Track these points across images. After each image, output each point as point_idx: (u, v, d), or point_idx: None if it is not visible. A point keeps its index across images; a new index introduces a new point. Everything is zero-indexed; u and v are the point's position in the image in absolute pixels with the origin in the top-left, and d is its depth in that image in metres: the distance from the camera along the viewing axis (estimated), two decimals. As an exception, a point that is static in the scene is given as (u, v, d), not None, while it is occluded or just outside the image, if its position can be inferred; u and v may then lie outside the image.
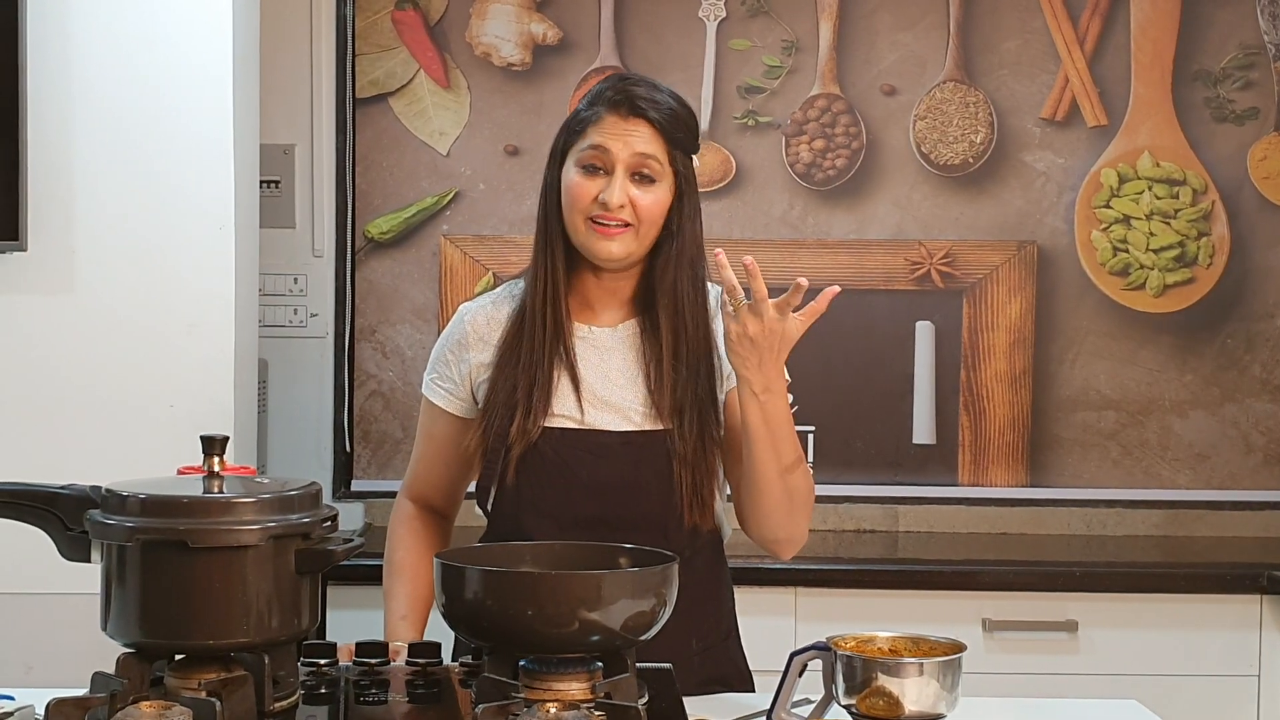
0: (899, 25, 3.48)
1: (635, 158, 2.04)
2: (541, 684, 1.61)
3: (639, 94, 2.05)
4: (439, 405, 2.17)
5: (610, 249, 2.05)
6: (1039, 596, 3.04)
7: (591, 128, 2.06)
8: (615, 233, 2.04)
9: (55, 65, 2.60)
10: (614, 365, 2.11)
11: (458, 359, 2.16)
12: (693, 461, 2.05)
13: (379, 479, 3.47)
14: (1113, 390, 3.50)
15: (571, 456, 2.07)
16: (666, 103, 2.07)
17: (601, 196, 2.03)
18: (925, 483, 3.49)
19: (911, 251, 3.48)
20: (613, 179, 2.03)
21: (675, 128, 2.06)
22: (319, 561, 1.60)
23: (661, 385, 2.08)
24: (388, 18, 3.45)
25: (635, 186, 2.04)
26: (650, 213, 2.05)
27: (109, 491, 1.60)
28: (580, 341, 2.12)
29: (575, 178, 2.06)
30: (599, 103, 2.07)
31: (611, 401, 2.09)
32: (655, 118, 2.05)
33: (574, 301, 2.13)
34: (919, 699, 1.66)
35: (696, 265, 2.10)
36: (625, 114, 2.05)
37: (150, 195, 2.63)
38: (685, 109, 2.10)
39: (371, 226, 3.46)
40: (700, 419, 2.07)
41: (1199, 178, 3.49)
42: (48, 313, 2.62)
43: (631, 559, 1.77)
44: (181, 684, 1.56)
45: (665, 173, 2.06)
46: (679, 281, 2.08)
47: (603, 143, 2.04)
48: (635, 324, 2.13)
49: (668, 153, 2.05)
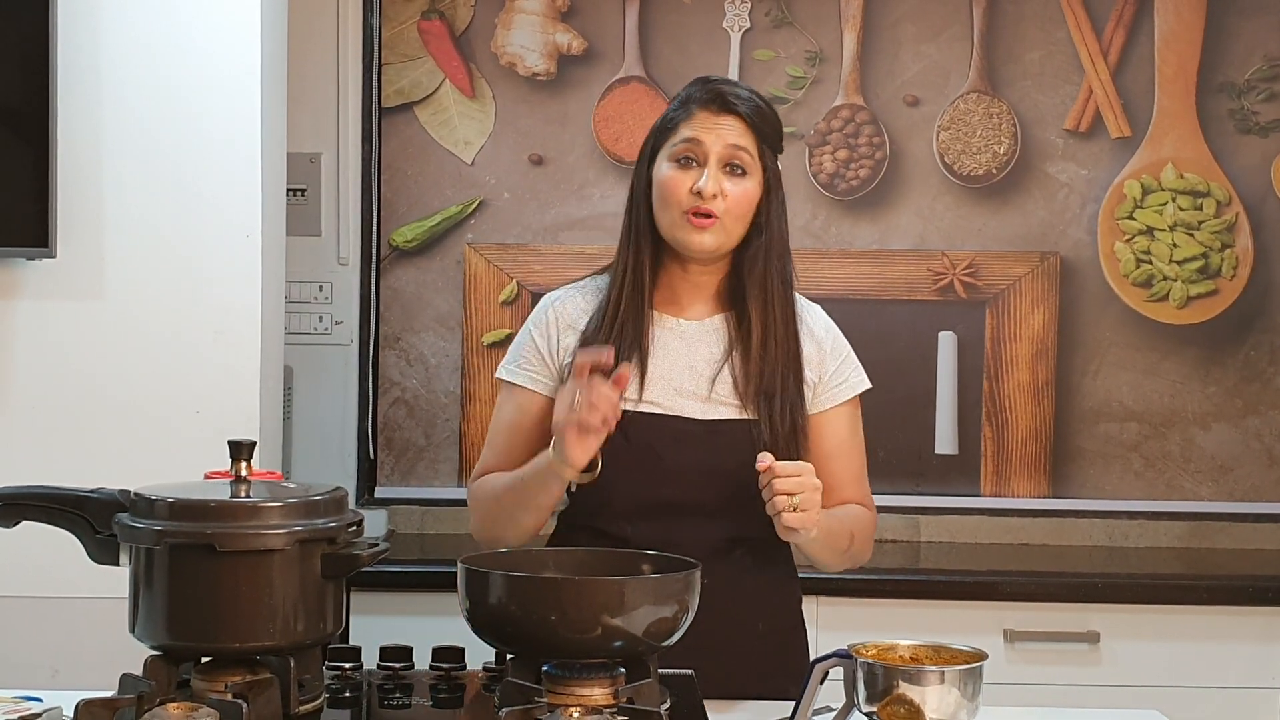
0: (922, 36, 3.49)
1: (728, 149, 2.11)
2: (564, 689, 1.62)
3: (729, 91, 2.14)
4: (528, 388, 2.19)
5: (703, 240, 2.11)
6: (1061, 607, 3.04)
7: (684, 124, 2.13)
8: (707, 224, 2.10)
9: (85, 74, 2.62)
10: (700, 356, 2.16)
11: (547, 341, 2.19)
12: (783, 447, 2.10)
13: (402, 486, 3.48)
14: (1135, 402, 3.50)
15: (656, 441, 2.11)
16: (753, 99, 2.15)
17: (696, 186, 2.09)
18: (947, 493, 3.49)
19: (934, 262, 3.49)
20: (706, 170, 2.10)
21: (764, 123, 2.14)
22: (344, 566, 1.62)
23: (748, 374, 2.13)
24: (414, 27, 3.47)
25: (726, 178, 2.11)
26: (740, 204, 2.12)
27: (137, 495, 1.62)
28: (667, 332, 2.17)
29: (669, 172, 2.13)
30: (690, 102, 2.15)
31: (696, 390, 2.14)
32: (745, 112, 2.12)
33: (661, 295, 2.19)
34: (940, 707, 1.67)
35: (785, 261, 2.18)
36: (716, 110, 2.12)
37: (178, 203, 2.65)
38: (770, 108, 2.18)
39: (396, 235, 3.48)
40: (791, 408, 2.13)
41: (1223, 189, 3.48)
42: (76, 319, 2.64)
43: (654, 565, 1.78)
44: (208, 686, 1.58)
45: (755, 166, 2.13)
46: (768, 275, 2.15)
47: (695, 135, 2.12)
48: (722, 318, 2.19)
49: (758, 146, 2.13)
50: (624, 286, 2.16)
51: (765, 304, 2.15)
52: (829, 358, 2.22)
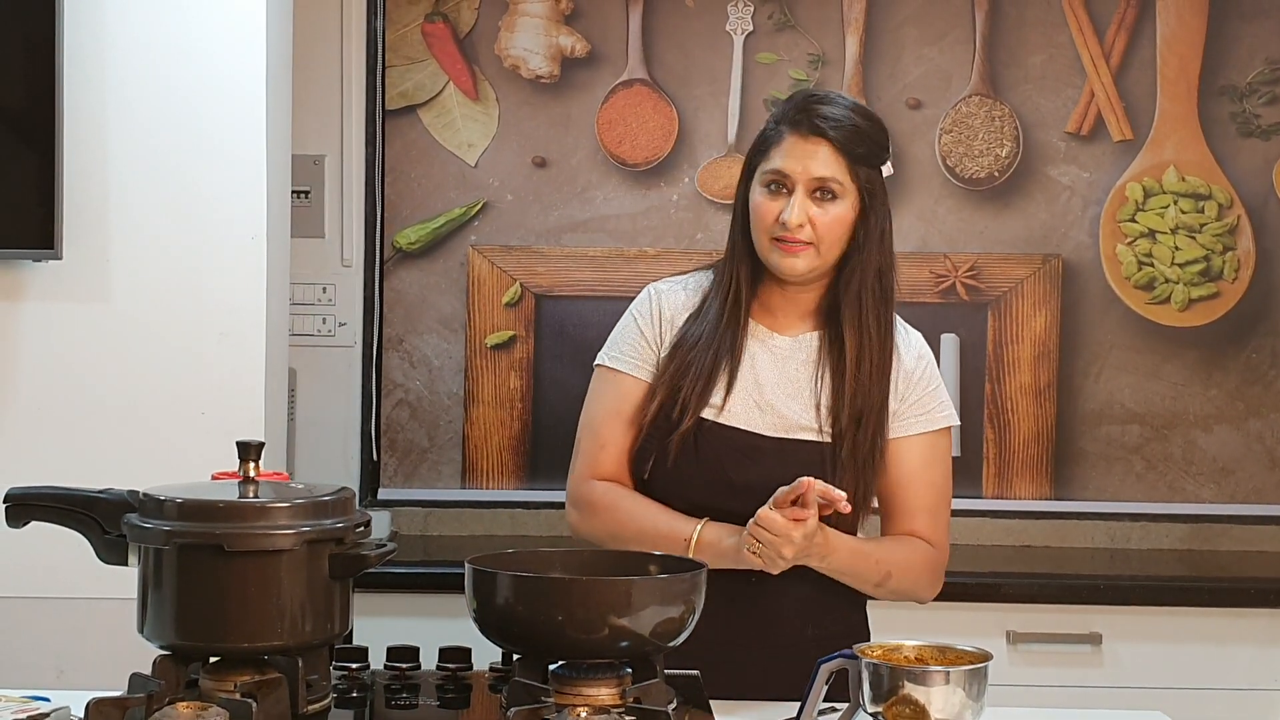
0: (924, 39, 3.50)
1: (813, 181, 2.11)
2: (571, 689, 1.63)
3: (820, 112, 2.12)
4: (632, 375, 2.20)
5: (795, 265, 2.13)
6: (1063, 609, 3.05)
7: (774, 148, 2.14)
8: (798, 249, 2.11)
9: (91, 78, 2.62)
10: (787, 374, 2.17)
11: (654, 329, 2.21)
12: (862, 469, 2.13)
13: (405, 487, 3.49)
14: (1137, 404, 3.50)
15: (725, 455, 2.13)
16: (848, 119, 2.12)
17: (782, 216, 2.10)
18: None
19: (936, 264, 3.49)
20: (792, 199, 2.10)
21: (856, 144, 2.12)
22: (352, 566, 1.63)
23: (840, 394, 2.13)
24: (417, 30, 3.48)
25: (815, 205, 2.11)
26: (831, 231, 2.12)
27: (146, 496, 1.63)
28: (759, 344, 2.18)
29: (759, 198, 2.14)
30: (783, 121, 2.15)
31: (775, 407, 2.16)
32: (835, 137, 2.11)
33: (758, 307, 2.20)
34: (945, 707, 1.67)
35: (884, 276, 2.17)
36: (805, 133, 2.11)
37: (184, 205, 2.66)
38: (869, 121, 2.15)
39: (400, 237, 3.48)
40: (875, 431, 2.14)
41: (1224, 192, 3.49)
42: (83, 321, 2.65)
43: (660, 565, 1.78)
44: (217, 686, 1.59)
45: (848, 189, 2.12)
46: (863, 294, 2.15)
47: (782, 167, 2.12)
48: (817, 337, 2.19)
49: (849, 170, 2.11)
50: (726, 299, 2.18)
51: (860, 324, 2.15)
52: (914, 387, 2.21)
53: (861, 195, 2.13)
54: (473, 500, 3.47)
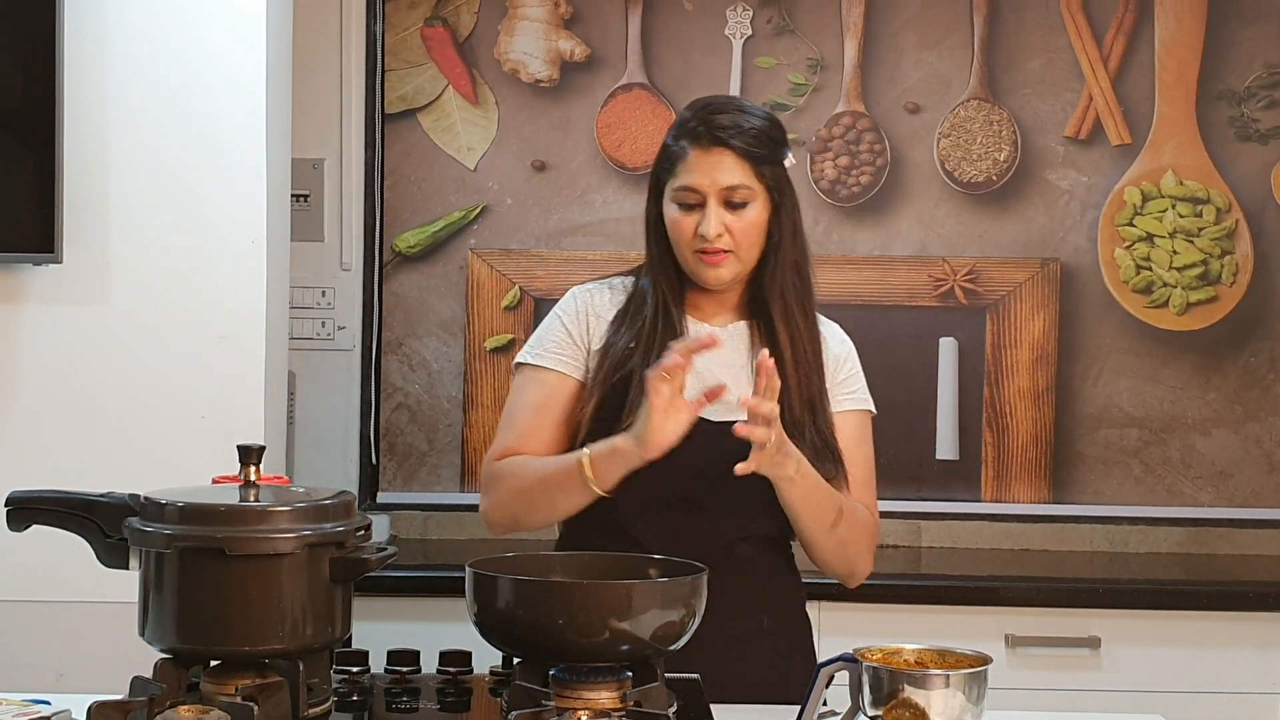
0: (923, 44, 3.50)
1: (723, 191, 2.14)
2: (572, 692, 1.63)
3: (718, 122, 2.14)
4: (556, 370, 2.22)
5: (720, 275, 2.17)
6: (1061, 613, 3.05)
7: (680, 164, 2.16)
8: (720, 259, 2.15)
9: (91, 80, 2.63)
10: (721, 359, 2.18)
11: (580, 326, 2.23)
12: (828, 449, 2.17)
13: (404, 491, 3.49)
14: (1135, 408, 3.51)
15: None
16: (748, 124, 2.15)
17: (700, 230, 2.13)
18: (948, 498, 3.50)
19: (935, 268, 3.50)
20: (707, 211, 2.13)
21: (758, 146, 2.15)
22: (353, 570, 1.63)
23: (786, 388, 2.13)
24: (417, 34, 3.49)
25: (729, 213, 2.14)
26: (748, 235, 2.16)
27: (147, 499, 1.63)
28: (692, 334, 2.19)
29: (675, 214, 2.17)
30: (683, 136, 2.17)
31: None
32: (737, 145, 2.14)
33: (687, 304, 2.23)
34: (945, 711, 1.67)
35: (801, 269, 2.22)
36: (708, 145, 2.14)
37: (184, 209, 2.66)
38: (765, 120, 2.18)
39: (399, 240, 3.49)
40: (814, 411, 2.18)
41: (1222, 196, 3.50)
42: (82, 324, 2.65)
43: (660, 569, 1.79)
44: (218, 689, 1.59)
45: (757, 192, 2.15)
46: (785, 288, 2.20)
47: (692, 183, 2.14)
48: (745, 325, 2.23)
49: (754, 173, 2.14)
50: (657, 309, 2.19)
51: (787, 317, 2.19)
52: (842, 367, 2.27)
53: (771, 194, 2.16)
54: (472, 504, 3.41)
